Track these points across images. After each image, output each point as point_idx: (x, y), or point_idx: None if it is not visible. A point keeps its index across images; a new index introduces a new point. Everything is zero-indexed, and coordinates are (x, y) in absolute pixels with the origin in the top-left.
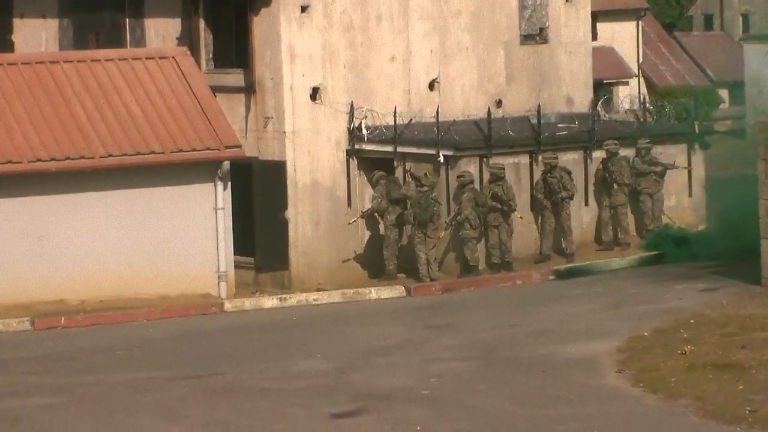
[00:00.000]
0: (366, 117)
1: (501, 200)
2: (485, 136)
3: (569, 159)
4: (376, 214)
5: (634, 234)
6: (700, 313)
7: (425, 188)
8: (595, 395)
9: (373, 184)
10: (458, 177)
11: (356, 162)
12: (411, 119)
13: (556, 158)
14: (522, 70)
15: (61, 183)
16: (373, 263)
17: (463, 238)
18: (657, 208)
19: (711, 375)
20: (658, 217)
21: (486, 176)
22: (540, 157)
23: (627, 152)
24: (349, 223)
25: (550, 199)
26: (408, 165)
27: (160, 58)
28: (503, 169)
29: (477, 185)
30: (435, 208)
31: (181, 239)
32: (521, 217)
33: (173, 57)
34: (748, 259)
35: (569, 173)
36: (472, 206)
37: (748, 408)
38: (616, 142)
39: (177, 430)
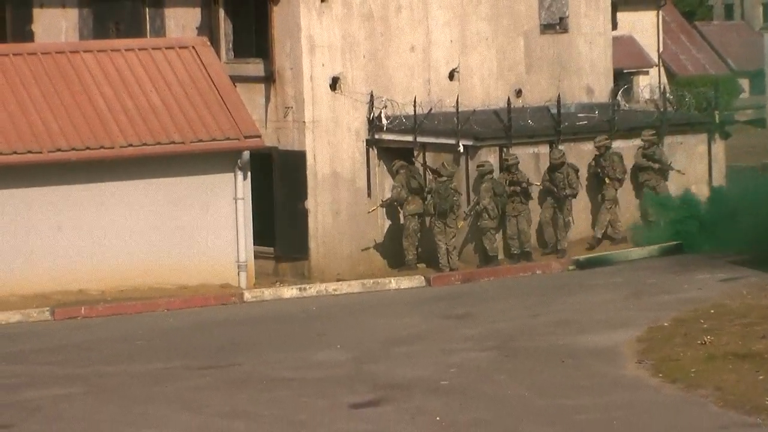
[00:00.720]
0: (386, 107)
1: (518, 183)
2: (505, 126)
3: (588, 149)
4: (395, 203)
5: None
6: (720, 303)
7: (444, 179)
8: (614, 385)
9: (393, 174)
10: (478, 167)
11: (376, 152)
12: (431, 109)
13: (563, 154)
14: (542, 59)
15: (81, 173)
16: (393, 253)
17: (481, 228)
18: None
19: (731, 365)
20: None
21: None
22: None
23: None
24: (369, 212)
25: (553, 194)
26: (425, 159)
27: (180, 47)
28: (515, 157)
29: (497, 175)
30: (455, 198)
31: (200, 229)
32: (540, 186)
33: (193, 47)
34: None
35: (576, 171)
36: (491, 196)
37: None
38: (608, 137)
39: (196, 419)
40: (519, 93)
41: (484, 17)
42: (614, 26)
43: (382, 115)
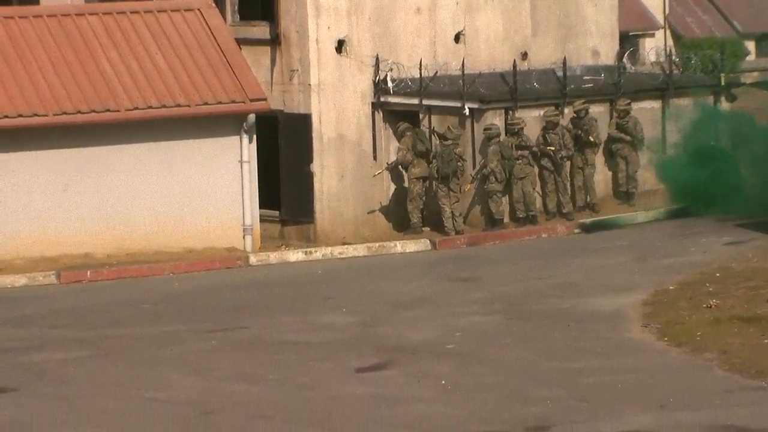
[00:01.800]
0: (391, 69)
1: (527, 146)
2: (511, 89)
3: (595, 111)
4: (400, 166)
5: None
6: (725, 266)
7: (449, 142)
8: (620, 348)
9: (399, 136)
10: (485, 129)
11: (382, 115)
12: (436, 72)
13: (557, 113)
14: (548, 22)
15: (86, 136)
16: (398, 216)
17: (488, 191)
18: (632, 169)
19: (736, 328)
20: (633, 177)
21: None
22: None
23: (655, 104)
24: (374, 176)
25: (549, 156)
26: (431, 122)
27: (186, 10)
28: (521, 120)
29: (503, 138)
30: (459, 163)
31: (206, 192)
32: (552, 150)
33: (198, 9)
34: None
35: (570, 132)
36: (498, 159)
37: None
38: (585, 101)
39: (202, 383)
40: (525, 56)
41: None
42: None
43: (388, 78)
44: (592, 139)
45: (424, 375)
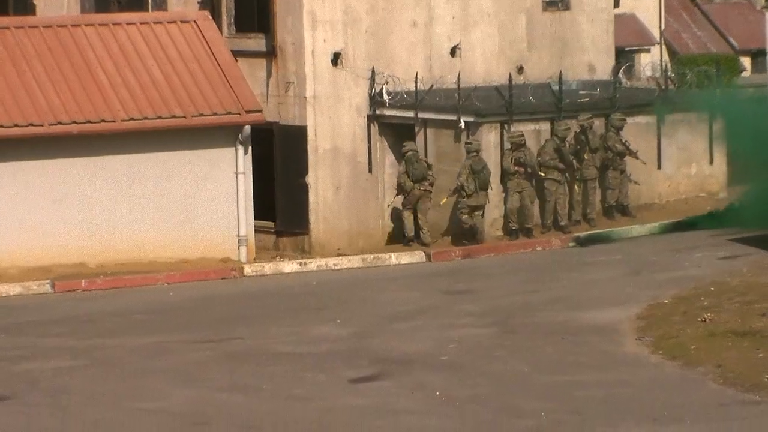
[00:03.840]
0: (387, 83)
1: (524, 165)
2: (506, 103)
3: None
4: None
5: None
6: (720, 280)
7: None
8: (614, 362)
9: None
10: (466, 143)
11: (377, 127)
12: (432, 85)
13: (568, 127)
14: (543, 36)
15: (82, 146)
16: (395, 228)
17: (457, 204)
18: (626, 183)
19: (731, 342)
20: (626, 192)
21: (507, 144)
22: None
23: (650, 119)
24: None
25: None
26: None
27: (182, 22)
28: (522, 136)
29: (497, 151)
30: (429, 172)
31: (201, 203)
32: (542, 174)
33: (195, 21)
34: None
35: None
36: (467, 173)
37: None
38: (591, 116)
39: (196, 393)
40: (521, 70)
41: None
42: (616, 4)
43: (384, 91)
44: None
45: (418, 386)
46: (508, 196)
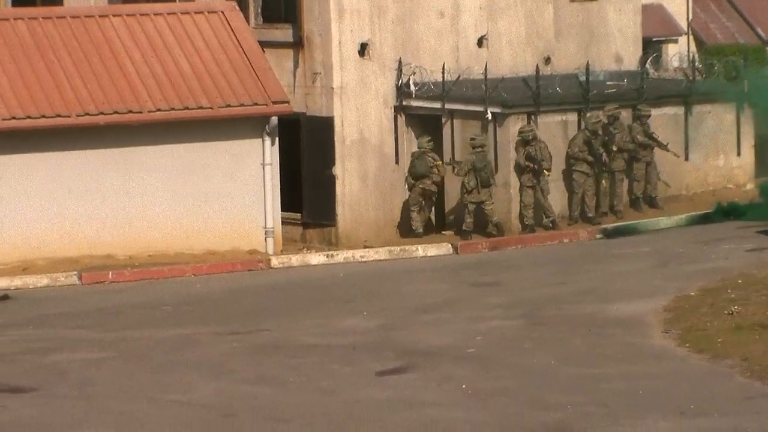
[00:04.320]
0: (414, 73)
1: (533, 160)
2: (533, 94)
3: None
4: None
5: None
6: (747, 273)
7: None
8: (640, 354)
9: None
10: (471, 139)
11: (404, 118)
12: (459, 76)
13: (600, 120)
14: (571, 26)
15: (109, 137)
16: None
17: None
18: (653, 175)
19: (758, 335)
20: (655, 184)
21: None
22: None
23: (677, 111)
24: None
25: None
26: (453, 126)
27: (209, 12)
28: (532, 130)
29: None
30: (431, 166)
31: (228, 195)
32: (548, 175)
33: (222, 11)
34: None
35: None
36: (468, 169)
37: None
38: (618, 106)
39: (223, 385)
40: (548, 60)
41: None
42: None
43: (411, 82)
44: (628, 147)
45: (445, 379)
46: (522, 191)
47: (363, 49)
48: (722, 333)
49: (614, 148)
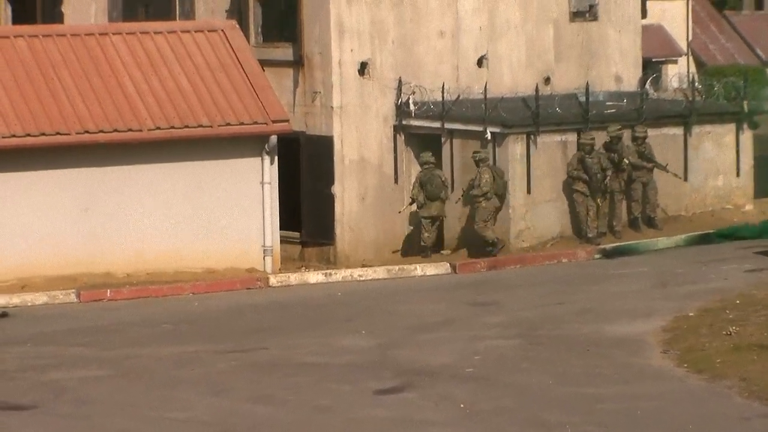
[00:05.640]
0: (414, 93)
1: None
2: (533, 114)
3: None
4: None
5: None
6: (746, 293)
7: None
8: (639, 375)
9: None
10: (420, 156)
11: (404, 138)
12: (459, 95)
13: (593, 138)
14: (571, 47)
15: (108, 155)
16: (417, 240)
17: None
18: (653, 195)
19: (756, 356)
20: (654, 205)
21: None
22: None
23: (677, 131)
24: (399, 212)
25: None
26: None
27: (209, 31)
28: (487, 155)
29: (524, 162)
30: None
31: (227, 213)
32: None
33: (222, 30)
34: None
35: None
36: (417, 185)
37: None
38: (621, 127)
39: (221, 403)
40: (547, 80)
41: (514, 4)
42: (644, 15)
43: (410, 101)
44: (625, 162)
45: (443, 398)
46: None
47: (363, 68)
48: (721, 353)
49: (626, 162)
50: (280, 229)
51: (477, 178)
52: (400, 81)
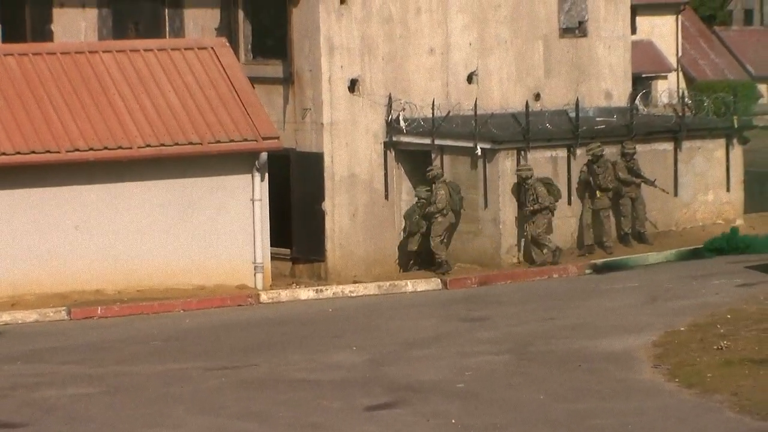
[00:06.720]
0: (404, 109)
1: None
2: (523, 130)
3: (607, 153)
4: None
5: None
6: (736, 308)
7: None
8: (630, 390)
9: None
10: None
11: (394, 154)
12: (449, 112)
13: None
14: (560, 63)
15: (98, 173)
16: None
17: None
18: (641, 210)
19: (747, 370)
20: (643, 219)
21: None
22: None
23: (667, 146)
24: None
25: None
26: (442, 162)
27: (199, 48)
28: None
29: (514, 177)
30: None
31: (218, 230)
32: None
33: (212, 48)
34: None
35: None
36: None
37: None
38: (600, 144)
39: (212, 420)
40: (537, 97)
41: (503, 21)
42: (633, 31)
43: (401, 118)
44: (610, 186)
45: (434, 414)
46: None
47: (353, 85)
48: (712, 368)
49: (597, 192)
50: (271, 245)
51: (433, 195)
52: (390, 97)
